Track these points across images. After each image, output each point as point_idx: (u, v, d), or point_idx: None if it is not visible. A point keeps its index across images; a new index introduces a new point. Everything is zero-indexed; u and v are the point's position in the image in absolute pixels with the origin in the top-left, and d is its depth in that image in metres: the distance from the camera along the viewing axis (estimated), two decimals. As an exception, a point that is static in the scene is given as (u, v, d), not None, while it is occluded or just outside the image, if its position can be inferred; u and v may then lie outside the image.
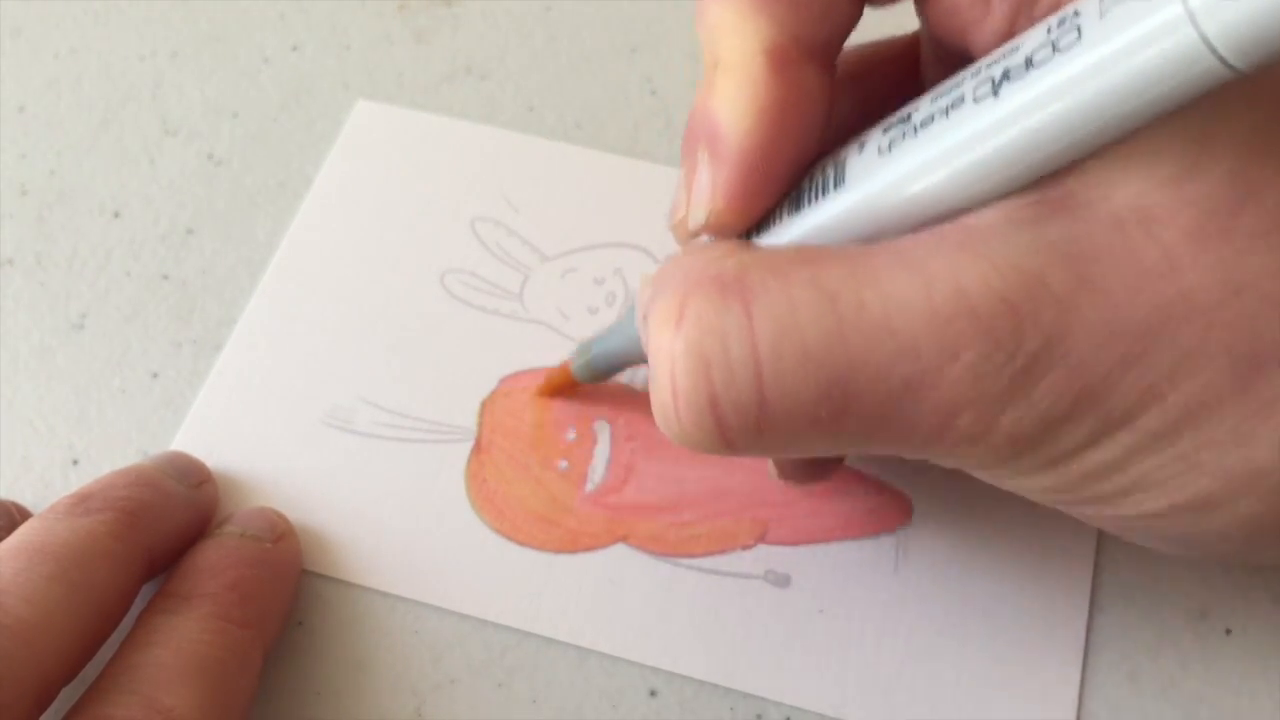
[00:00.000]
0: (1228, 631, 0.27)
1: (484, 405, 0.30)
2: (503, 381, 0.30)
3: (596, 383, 0.29)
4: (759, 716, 0.26)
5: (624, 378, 0.30)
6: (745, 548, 0.28)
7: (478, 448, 0.29)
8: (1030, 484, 0.21)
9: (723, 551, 0.28)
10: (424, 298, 0.32)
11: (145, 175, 0.34)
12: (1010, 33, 0.20)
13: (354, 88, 0.36)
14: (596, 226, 0.33)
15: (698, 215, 0.23)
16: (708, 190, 0.23)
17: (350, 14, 0.37)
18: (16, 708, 0.22)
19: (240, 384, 0.31)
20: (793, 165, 0.22)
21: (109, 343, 0.31)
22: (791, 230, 0.22)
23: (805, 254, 0.21)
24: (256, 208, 0.34)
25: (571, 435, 0.29)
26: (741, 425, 0.20)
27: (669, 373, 0.21)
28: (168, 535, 0.26)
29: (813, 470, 0.28)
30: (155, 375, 0.31)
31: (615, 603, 0.27)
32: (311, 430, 0.30)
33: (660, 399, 0.21)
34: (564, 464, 0.29)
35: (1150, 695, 0.26)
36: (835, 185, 0.21)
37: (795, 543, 0.28)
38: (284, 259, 0.32)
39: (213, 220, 0.33)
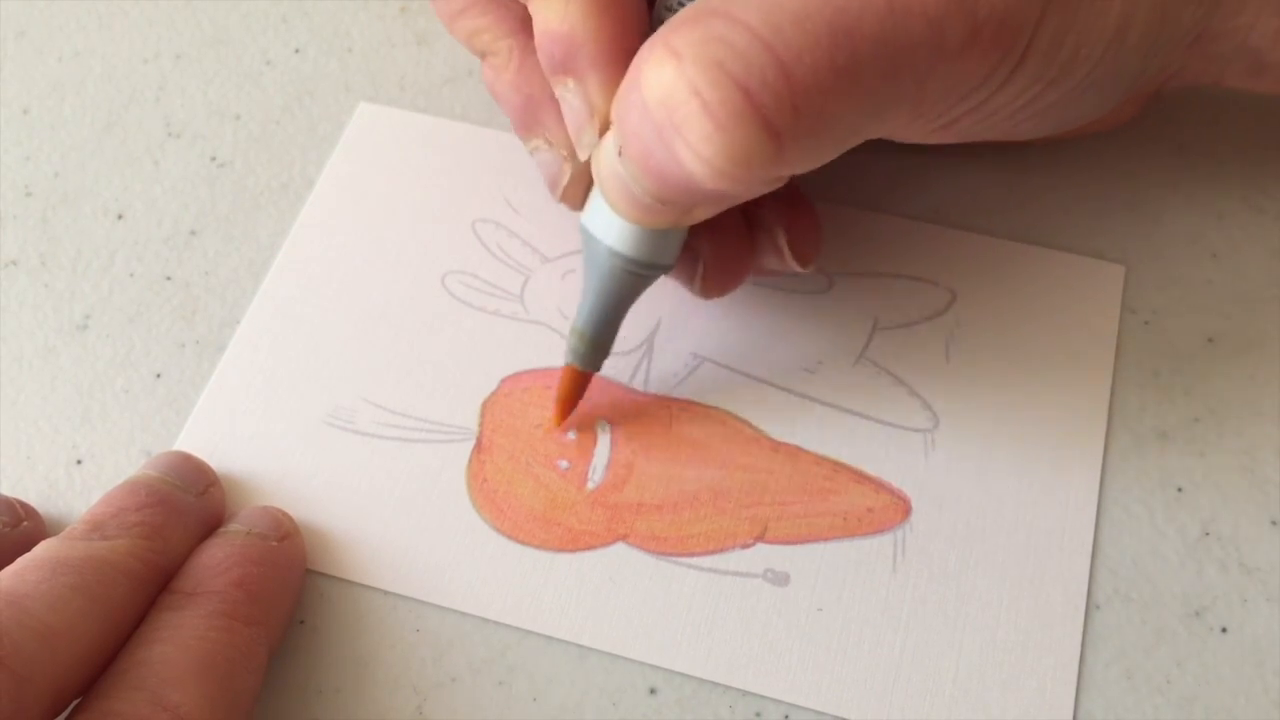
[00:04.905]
0: (1223, 630, 0.27)
1: (485, 405, 0.30)
2: (504, 382, 0.31)
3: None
4: (758, 714, 0.26)
5: (624, 377, 0.30)
6: (744, 546, 0.28)
7: (479, 447, 0.30)
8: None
9: (722, 550, 0.28)
10: (425, 299, 0.32)
11: (149, 177, 0.34)
12: None
13: (356, 90, 0.36)
14: (597, 228, 0.33)
15: (589, 135, 0.24)
16: (585, 107, 0.24)
17: (352, 17, 0.37)
18: (35, 709, 0.22)
19: (243, 384, 0.31)
20: (640, 41, 0.24)
21: (113, 343, 0.32)
22: None
23: None
24: (259, 209, 0.34)
25: (572, 435, 0.30)
26: (777, 101, 0.22)
27: (695, 99, 0.22)
28: (182, 553, 0.26)
29: (727, 275, 0.29)
30: (159, 376, 0.31)
31: (615, 601, 0.28)
32: (314, 430, 0.30)
33: (696, 132, 0.22)
34: (564, 463, 0.29)
35: (1146, 693, 0.27)
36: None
37: (794, 541, 0.28)
38: (286, 260, 0.33)
39: (216, 222, 0.34)
